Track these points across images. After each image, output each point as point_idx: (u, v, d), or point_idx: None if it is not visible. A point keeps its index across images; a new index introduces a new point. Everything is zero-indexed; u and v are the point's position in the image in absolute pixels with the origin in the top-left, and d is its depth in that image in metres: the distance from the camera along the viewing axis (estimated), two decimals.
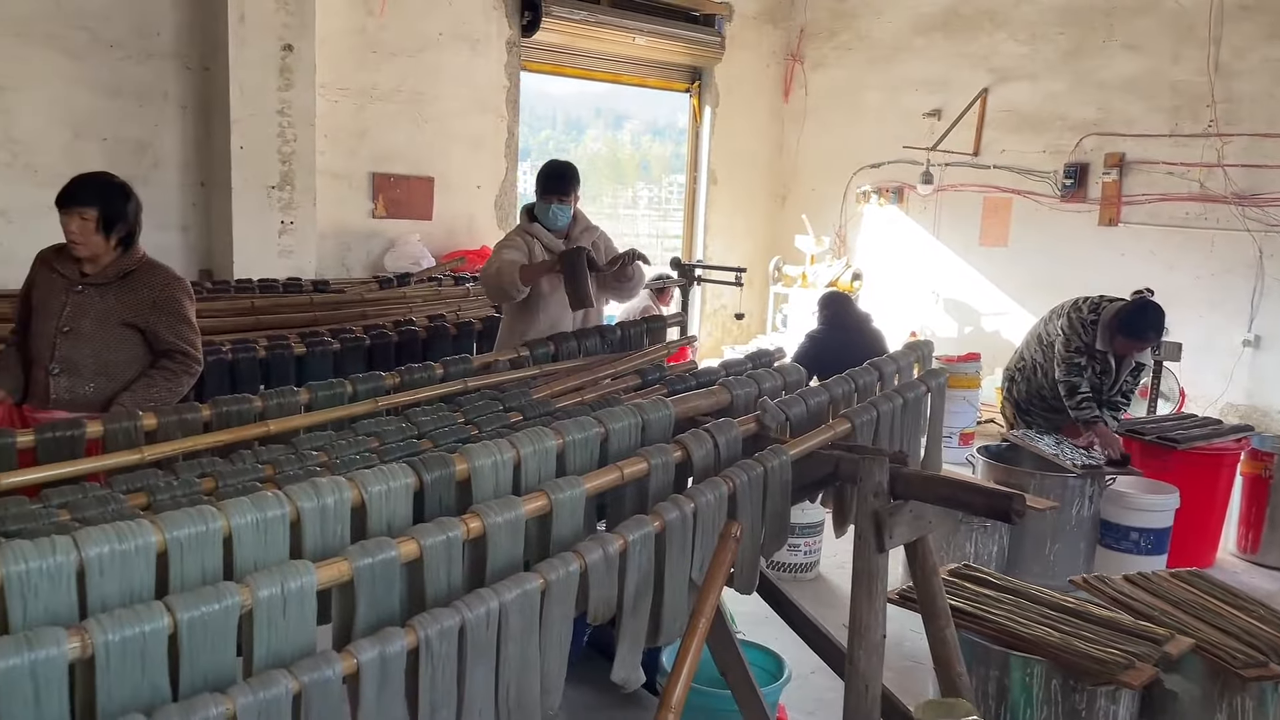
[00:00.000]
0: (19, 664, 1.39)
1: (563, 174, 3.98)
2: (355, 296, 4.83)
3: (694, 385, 2.93)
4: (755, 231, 9.66)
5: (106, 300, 3.04)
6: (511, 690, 1.86)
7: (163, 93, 5.78)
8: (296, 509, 1.84)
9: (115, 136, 5.66)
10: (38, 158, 5.40)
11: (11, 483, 2.25)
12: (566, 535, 2.10)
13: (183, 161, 5.93)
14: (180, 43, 5.80)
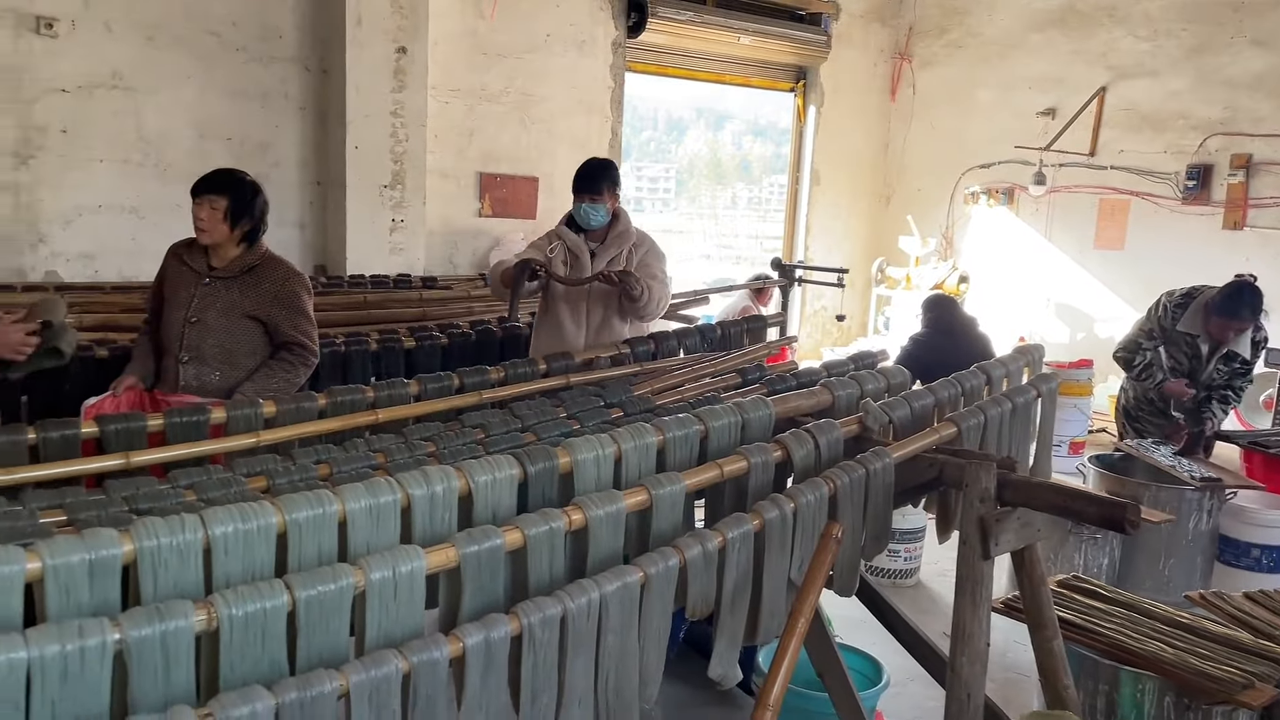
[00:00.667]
0: (150, 634, 1.47)
1: (593, 172, 3.78)
2: (462, 293, 4.94)
3: (794, 385, 2.91)
4: (858, 232, 9.52)
5: (231, 293, 3.18)
6: (610, 681, 1.89)
7: (284, 94, 6.01)
8: (407, 496, 1.90)
9: (239, 137, 5.91)
10: (167, 157, 5.68)
11: (141, 461, 2.39)
12: (666, 530, 2.12)
13: (301, 161, 6.16)
14: (301, 46, 6.02)
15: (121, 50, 5.43)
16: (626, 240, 3.81)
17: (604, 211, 3.73)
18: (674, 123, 8.86)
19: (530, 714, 1.79)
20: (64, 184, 5.35)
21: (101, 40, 5.36)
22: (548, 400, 2.89)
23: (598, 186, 3.73)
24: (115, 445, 2.45)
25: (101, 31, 5.35)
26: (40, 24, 5.15)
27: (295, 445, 2.59)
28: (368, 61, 5.91)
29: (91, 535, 1.57)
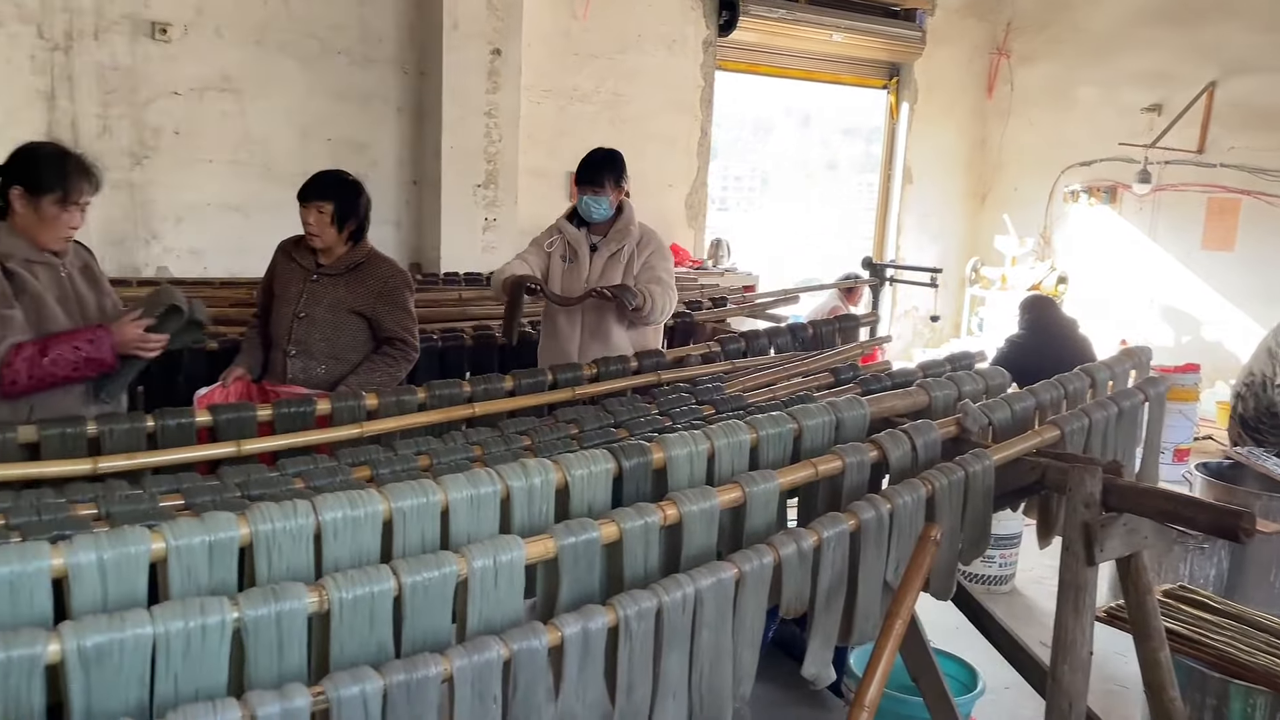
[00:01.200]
0: (266, 614, 1.53)
1: (595, 162, 3.61)
2: None
3: (889, 386, 2.88)
4: (951, 231, 9.34)
5: (338, 289, 3.29)
6: (704, 676, 1.90)
7: (382, 96, 6.17)
8: (507, 487, 1.94)
9: (339, 137, 6.08)
10: (271, 157, 5.87)
11: (252, 449, 2.48)
12: (759, 528, 2.12)
13: (398, 161, 6.31)
14: (400, 49, 6.17)
15: (231, 54, 5.64)
16: (629, 236, 3.65)
17: (606, 204, 3.59)
18: (762, 121, 8.80)
19: (625, 706, 1.81)
20: (175, 183, 5.57)
21: (212, 45, 5.57)
22: (639, 397, 2.91)
23: (599, 178, 3.58)
24: (227, 434, 2.55)
25: (212, 36, 5.56)
26: (155, 30, 5.38)
27: (396, 437, 2.67)
28: (463, 63, 6.02)
29: (211, 519, 1.64)
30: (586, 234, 3.65)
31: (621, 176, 3.63)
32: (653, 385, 3.09)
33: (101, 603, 1.53)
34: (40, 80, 5.11)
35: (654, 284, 3.51)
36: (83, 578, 1.51)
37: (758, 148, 8.66)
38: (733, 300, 4.90)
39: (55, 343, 2.66)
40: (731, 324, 4.65)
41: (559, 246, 3.67)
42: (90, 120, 5.27)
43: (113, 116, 5.33)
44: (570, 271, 3.63)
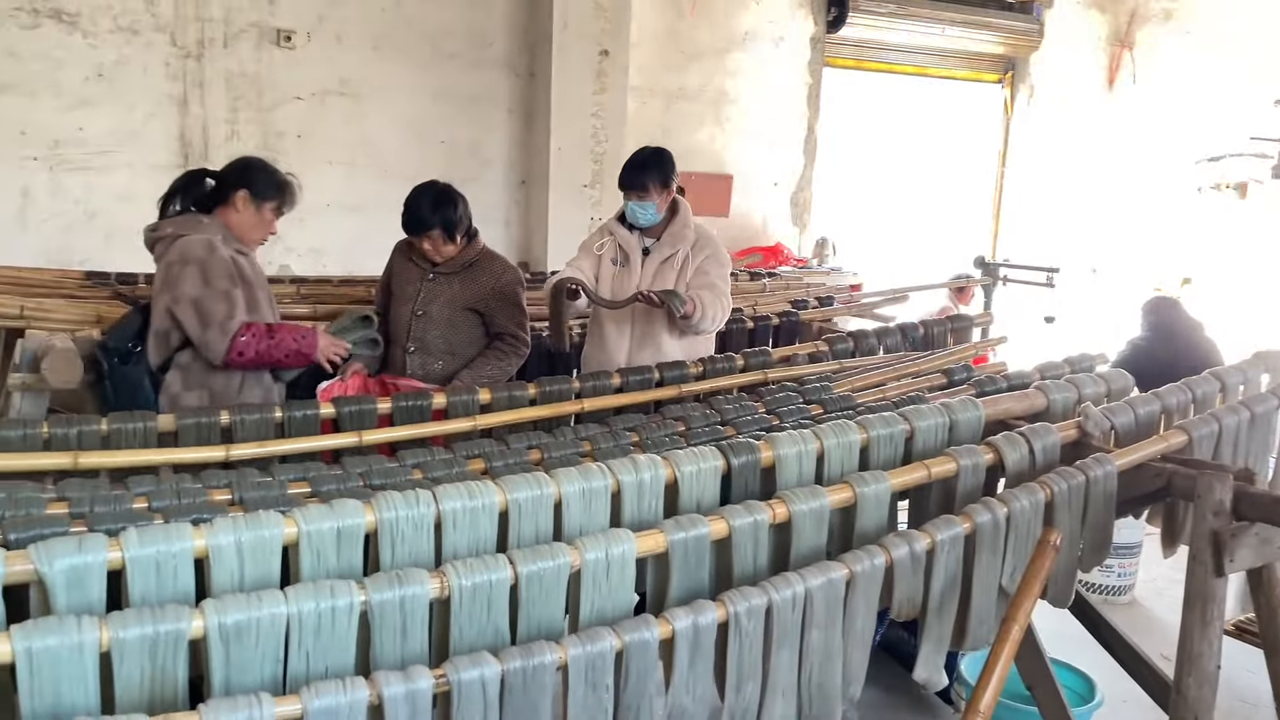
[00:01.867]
0: (391, 598, 1.59)
1: (638, 164, 3.38)
2: None
3: (1005, 388, 2.81)
4: (1069, 229, 9.02)
5: (453, 287, 3.38)
6: (814, 675, 1.89)
7: (493, 98, 6.29)
8: (617, 482, 1.97)
9: (451, 139, 6.23)
10: (387, 159, 6.05)
11: (373, 440, 2.58)
12: (869, 529, 2.10)
13: (507, 161, 6.43)
14: (510, 52, 6.28)
15: (350, 60, 5.83)
16: (684, 240, 3.42)
17: (653, 209, 3.36)
18: (871, 118, 8.65)
19: (734, 702, 1.82)
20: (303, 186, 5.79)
21: (333, 51, 5.77)
22: (745, 395, 2.91)
23: (643, 181, 3.34)
24: (349, 425, 2.65)
25: (333, 43, 5.76)
26: (280, 37, 5.60)
27: (508, 431, 2.73)
28: (571, 64, 6.10)
29: (340, 505, 1.72)
30: (639, 236, 3.46)
31: (669, 177, 3.39)
32: (759, 384, 3.09)
33: (238, 582, 1.61)
34: (174, 86, 5.37)
35: (706, 290, 3.31)
36: (222, 558, 1.60)
37: (866, 145, 8.51)
38: (839, 299, 4.84)
39: (279, 330, 3.01)
40: (838, 324, 4.60)
41: (609, 249, 3.48)
42: (220, 125, 5.52)
43: (240, 121, 5.58)
44: (621, 276, 3.44)
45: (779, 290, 5.06)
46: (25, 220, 5.09)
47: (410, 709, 1.47)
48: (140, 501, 1.95)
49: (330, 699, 1.42)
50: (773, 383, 3.07)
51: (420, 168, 6.11)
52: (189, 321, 2.90)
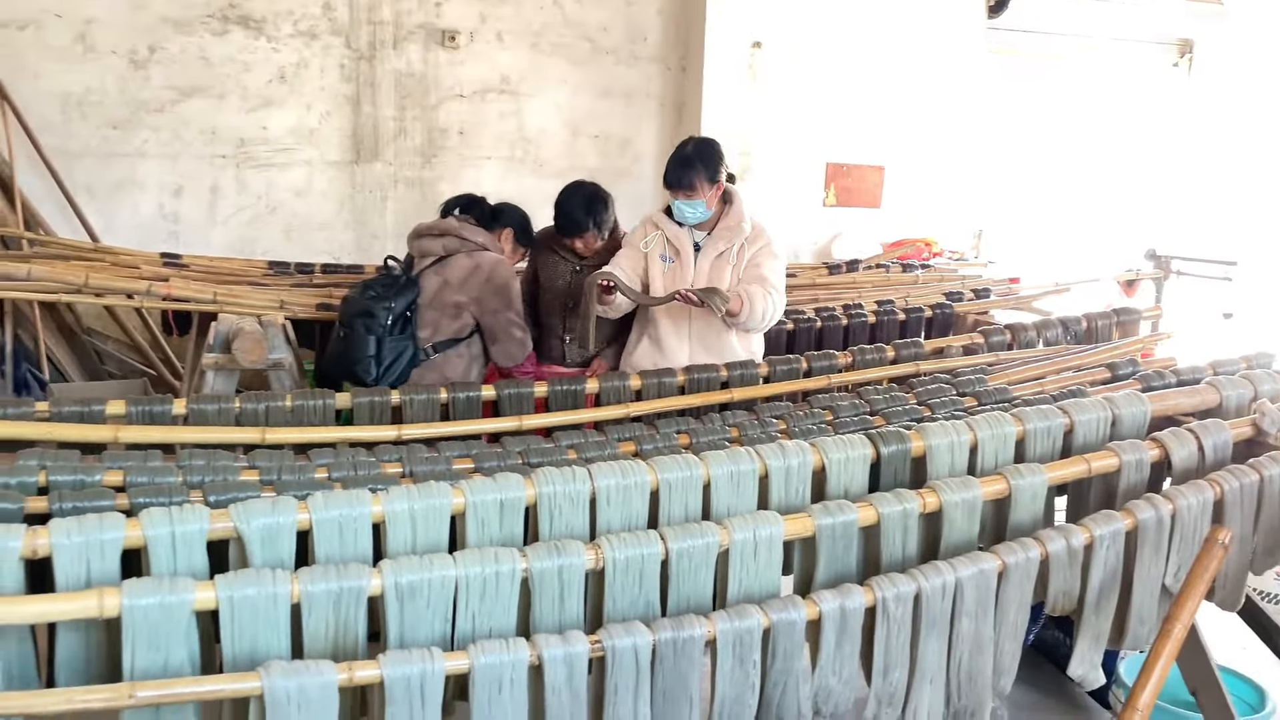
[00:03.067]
0: (550, 566, 1.68)
1: (685, 160, 3.18)
2: (806, 281, 5.01)
3: (1174, 383, 2.69)
4: (1251, 220, 8.45)
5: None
6: (963, 665, 1.88)
7: (646, 92, 6.40)
8: (765, 466, 2.00)
9: (604, 134, 6.36)
10: (543, 153, 6.24)
11: (532, 424, 2.69)
12: (1024, 523, 2.06)
13: (658, 155, 6.51)
14: (663, 47, 6.37)
15: (510, 58, 6.03)
16: (739, 234, 3.25)
17: (702, 206, 3.18)
18: (1034, 104, 8.33)
19: (881, 687, 1.83)
20: (459, 180, 6.03)
21: (494, 50, 5.99)
22: (896, 386, 2.88)
23: (690, 179, 3.14)
24: (508, 408, 2.77)
25: (494, 42, 5.98)
26: (445, 37, 5.85)
27: (656, 417, 2.80)
28: (724, 57, 6.14)
29: (503, 479, 1.82)
30: (690, 231, 3.28)
31: (717, 170, 3.20)
32: (910, 376, 3.05)
33: (410, 547, 1.73)
34: (348, 86, 5.69)
35: (755, 284, 3.14)
36: (397, 524, 1.72)
37: (1028, 133, 8.19)
38: (997, 292, 4.70)
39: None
40: (994, 317, 4.48)
41: (658, 245, 3.30)
42: (389, 123, 5.82)
43: (407, 119, 5.86)
44: (672, 273, 3.27)
45: (932, 282, 4.97)
46: (214, 214, 5.50)
47: (568, 670, 1.55)
48: (321, 472, 2.11)
49: (495, 657, 1.52)
50: (925, 374, 3.03)
51: (573, 161, 6.29)
52: (505, 330, 3.30)
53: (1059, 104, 8.05)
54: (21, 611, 1.41)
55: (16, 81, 4.96)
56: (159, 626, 1.45)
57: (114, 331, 5.21)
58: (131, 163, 5.29)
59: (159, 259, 4.16)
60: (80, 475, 1.97)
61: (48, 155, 4.99)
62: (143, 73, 5.24)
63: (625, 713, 1.61)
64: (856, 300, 4.55)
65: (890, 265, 5.55)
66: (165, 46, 5.26)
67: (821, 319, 4.18)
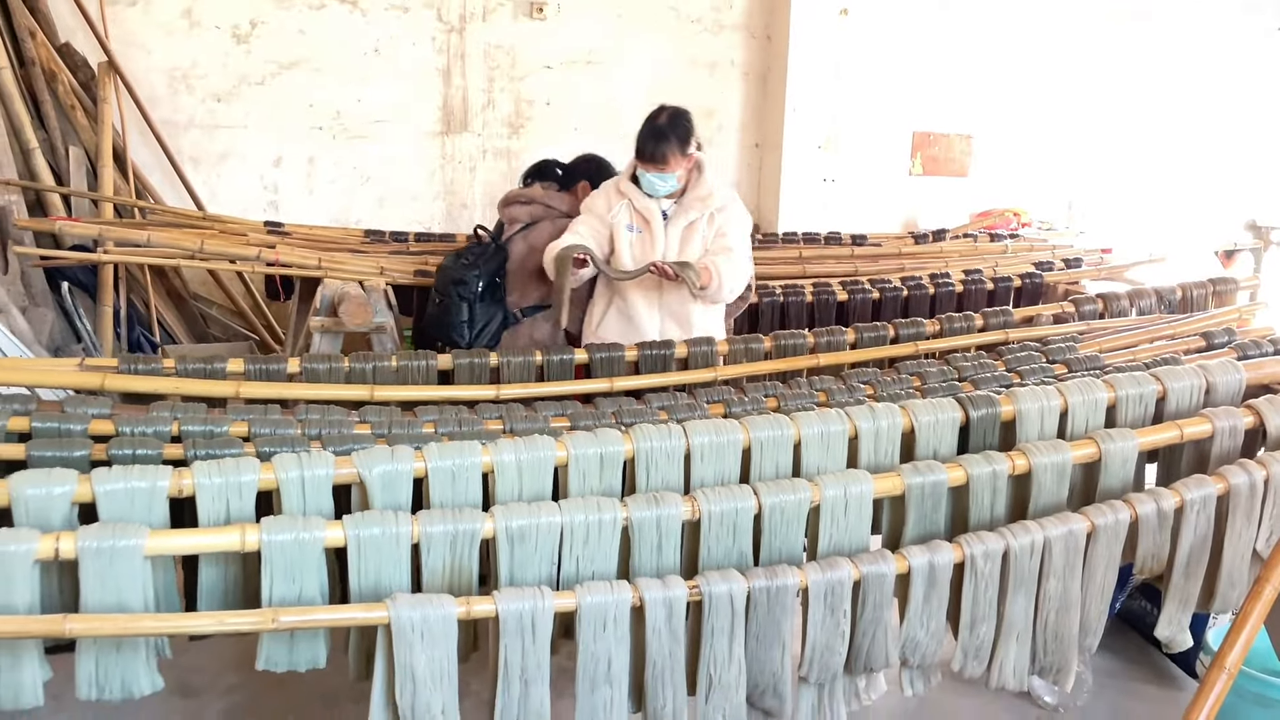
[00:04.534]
0: (648, 516, 1.77)
1: (657, 133, 3.12)
2: (893, 250, 5.00)
3: (1271, 352, 2.66)
4: None
5: None
6: (1050, 623, 1.92)
7: (730, 61, 6.40)
8: (855, 427, 2.06)
9: (689, 103, 6.28)
10: (626, 124, 6.24)
11: (622, 386, 2.78)
12: (1115, 487, 2.08)
13: (741, 124, 6.53)
14: (748, 15, 6.36)
15: (596, 29, 6.09)
16: (708, 204, 3.20)
17: (673, 180, 3.14)
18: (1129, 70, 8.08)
19: (968, 640, 1.89)
20: (545, 151, 6.12)
21: (580, 21, 6.05)
22: (985, 355, 2.90)
23: (663, 152, 3.10)
24: (600, 371, 2.86)
25: (580, 13, 6.04)
26: (533, 9, 5.93)
27: (744, 381, 2.86)
28: (810, 25, 6.12)
29: (603, 434, 1.91)
30: (659, 199, 3.22)
31: (687, 140, 3.15)
32: (999, 344, 3.06)
33: (516, 495, 1.83)
34: (439, 59, 5.82)
35: (721, 255, 3.13)
36: (505, 474, 1.82)
37: (1121, 101, 7.95)
38: (1088, 261, 4.63)
39: None
40: (1085, 286, 4.42)
41: (624, 214, 3.23)
42: (478, 94, 5.94)
43: (496, 90, 5.97)
44: (640, 243, 3.21)
45: (1021, 252, 4.91)
46: (312, 184, 5.69)
47: (668, 612, 1.64)
48: (428, 427, 2.23)
49: (600, 597, 1.62)
50: (1014, 343, 3.04)
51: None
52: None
53: (1155, 71, 7.80)
54: (176, 544, 1.55)
55: (127, 56, 5.19)
56: (294, 560, 1.58)
57: (218, 297, 5.45)
58: (234, 134, 5.50)
59: (263, 227, 4.34)
60: (209, 426, 2.12)
61: (156, 127, 5.22)
62: (245, 47, 5.44)
63: (721, 653, 1.70)
64: (943, 270, 4.54)
65: (978, 235, 5.50)
66: (266, 21, 5.44)
67: (908, 288, 4.18)
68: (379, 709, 1.57)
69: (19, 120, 4.67)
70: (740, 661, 1.72)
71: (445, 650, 1.55)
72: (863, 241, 5.12)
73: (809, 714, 1.83)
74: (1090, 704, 2.80)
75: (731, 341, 3.00)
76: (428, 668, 1.54)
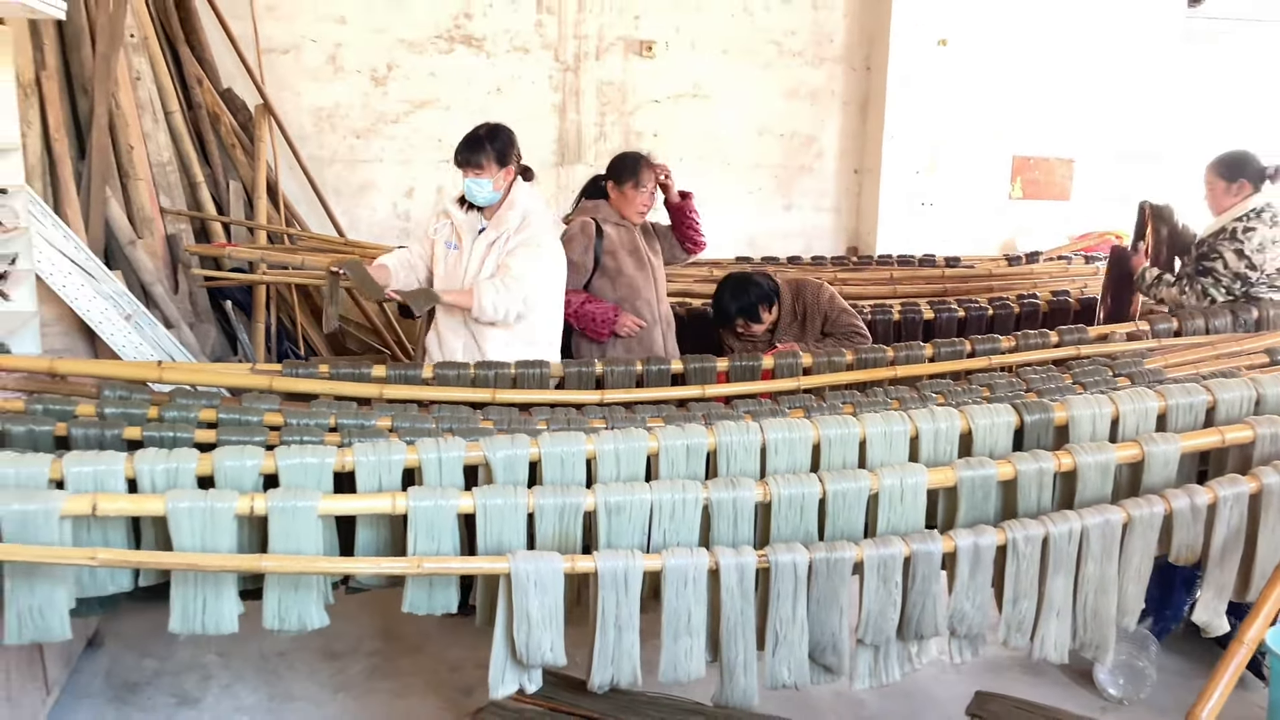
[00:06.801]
0: (726, 497, 2.07)
1: (474, 139, 3.26)
2: (984, 271, 5.17)
3: None
4: None
5: None
6: (1089, 603, 2.14)
7: (830, 91, 6.67)
8: (916, 428, 2.32)
9: (789, 132, 6.68)
10: (731, 152, 6.62)
11: (713, 393, 3.08)
12: (1158, 486, 2.28)
13: (841, 151, 6.78)
14: (849, 47, 6.63)
15: (701, 64, 6.45)
16: (509, 223, 3.27)
17: (489, 187, 3.24)
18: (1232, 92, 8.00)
19: (1011, 614, 2.12)
20: None
21: (687, 57, 6.42)
22: (1055, 368, 3.09)
23: (477, 158, 3.23)
24: (693, 379, 3.17)
25: (687, 50, 6.41)
26: (642, 48, 6.33)
27: (826, 390, 3.13)
28: (909, 55, 6.35)
29: (690, 428, 2.22)
30: (478, 217, 3.33)
31: (507, 154, 3.27)
32: (1070, 359, 3.25)
33: (614, 477, 2.16)
34: (555, 96, 6.27)
35: (488, 280, 3.20)
36: (604, 459, 2.15)
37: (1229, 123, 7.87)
38: None
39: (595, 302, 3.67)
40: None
41: (445, 232, 3.38)
42: (590, 128, 6.36)
43: (607, 124, 6.39)
44: (452, 259, 3.35)
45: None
46: None
47: (739, 575, 1.94)
48: (541, 424, 2.58)
49: (682, 560, 1.93)
50: (1085, 358, 3.22)
51: (760, 160, 6.66)
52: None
53: (1260, 93, 7.71)
54: (343, 506, 1.93)
55: (279, 99, 5.78)
56: (434, 521, 1.94)
57: (355, 315, 5.99)
58: (371, 168, 6.06)
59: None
60: (360, 419, 2.52)
61: (304, 162, 5.80)
62: (382, 89, 5.99)
63: (785, 614, 1.98)
64: (1032, 290, 4.70)
65: (1072, 257, 5.62)
66: (400, 65, 5.98)
67: (993, 308, 4.37)
68: (500, 644, 1.91)
69: (188, 158, 5.29)
70: (803, 622, 2.00)
71: (554, 597, 1.89)
72: (955, 264, 5.31)
73: (865, 672, 2.10)
74: (1155, 698, 2.95)
75: (815, 354, 3.27)
76: (540, 611, 1.88)
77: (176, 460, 1.95)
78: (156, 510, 1.84)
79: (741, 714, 2.07)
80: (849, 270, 5.19)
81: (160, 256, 4.93)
